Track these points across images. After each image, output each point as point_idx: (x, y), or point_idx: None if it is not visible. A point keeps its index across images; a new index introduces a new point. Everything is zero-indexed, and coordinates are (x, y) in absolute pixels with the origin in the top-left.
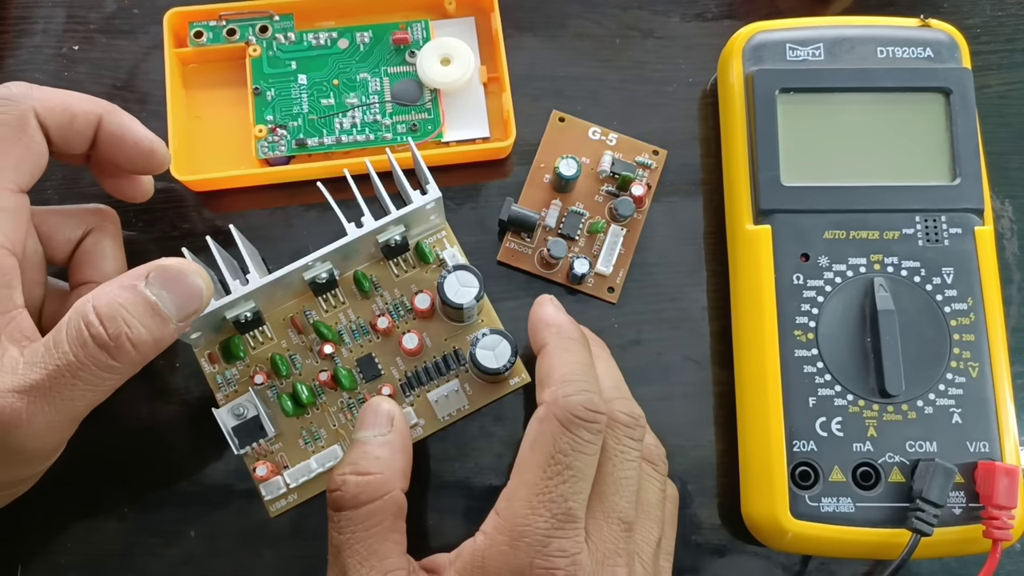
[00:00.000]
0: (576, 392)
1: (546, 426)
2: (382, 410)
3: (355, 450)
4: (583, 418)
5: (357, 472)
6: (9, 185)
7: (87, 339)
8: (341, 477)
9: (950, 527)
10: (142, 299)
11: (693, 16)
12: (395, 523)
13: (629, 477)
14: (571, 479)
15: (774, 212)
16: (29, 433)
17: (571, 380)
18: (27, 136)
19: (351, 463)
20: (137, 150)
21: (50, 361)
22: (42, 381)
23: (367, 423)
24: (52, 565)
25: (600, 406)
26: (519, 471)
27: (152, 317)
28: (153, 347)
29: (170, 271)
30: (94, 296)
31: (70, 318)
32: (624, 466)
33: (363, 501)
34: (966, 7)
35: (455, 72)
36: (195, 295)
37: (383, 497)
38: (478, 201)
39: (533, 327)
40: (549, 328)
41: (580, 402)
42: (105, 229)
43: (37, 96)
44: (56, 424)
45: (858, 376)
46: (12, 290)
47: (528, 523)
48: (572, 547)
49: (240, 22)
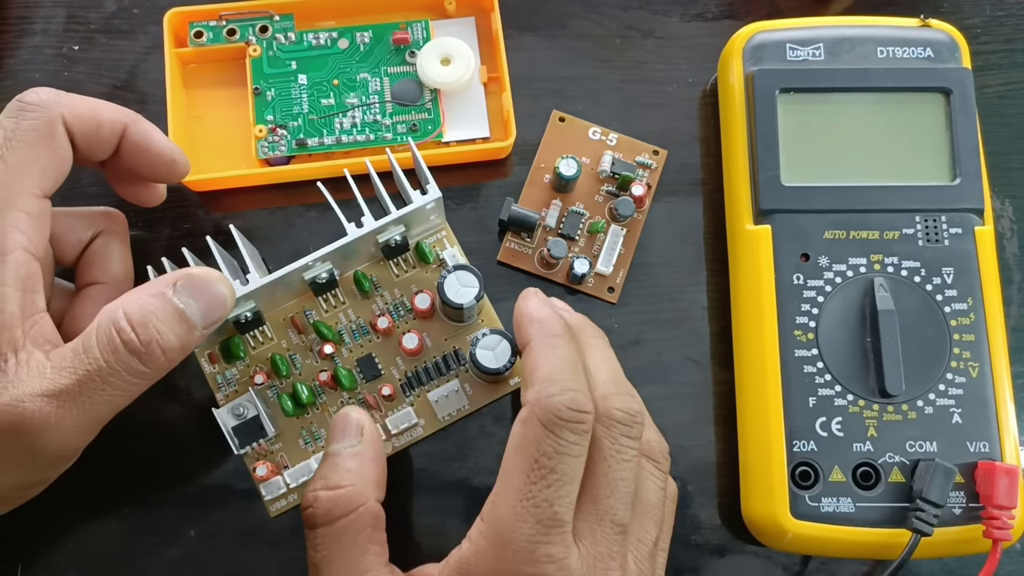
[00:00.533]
0: (559, 391)
1: (528, 428)
2: (351, 420)
3: (326, 464)
4: (566, 419)
5: (328, 487)
6: (35, 191)
7: (118, 345)
8: (313, 494)
9: (950, 527)
10: (171, 306)
11: (693, 16)
12: (373, 534)
13: (624, 478)
14: (556, 483)
15: (774, 212)
16: (56, 436)
17: (554, 379)
18: (54, 142)
19: (321, 477)
20: (160, 160)
21: (80, 366)
22: (71, 386)
23: (337, 435)
24: (52, 565)
25: (585, 405)
26: (504, 476)
27: (180, 324)
28: (180, 353)
29: (196, 279)
30: (124, 304)
31: (99, 324)
32: (619, 467)
33: (336, 516)
34: (966, 7)
35: (455, 72)
36: (220, 303)
37: (357, 510)
38: (478, 201)
39: (517, 323)
40: (532, 324)
41: (563, 402)
42: (114, 232)
43: (65, 103)
44: (81, 428)
45: (858, 376)
46: (36, 295)
47: (513, 529)
48: (559, 552)
49: (240, 22)
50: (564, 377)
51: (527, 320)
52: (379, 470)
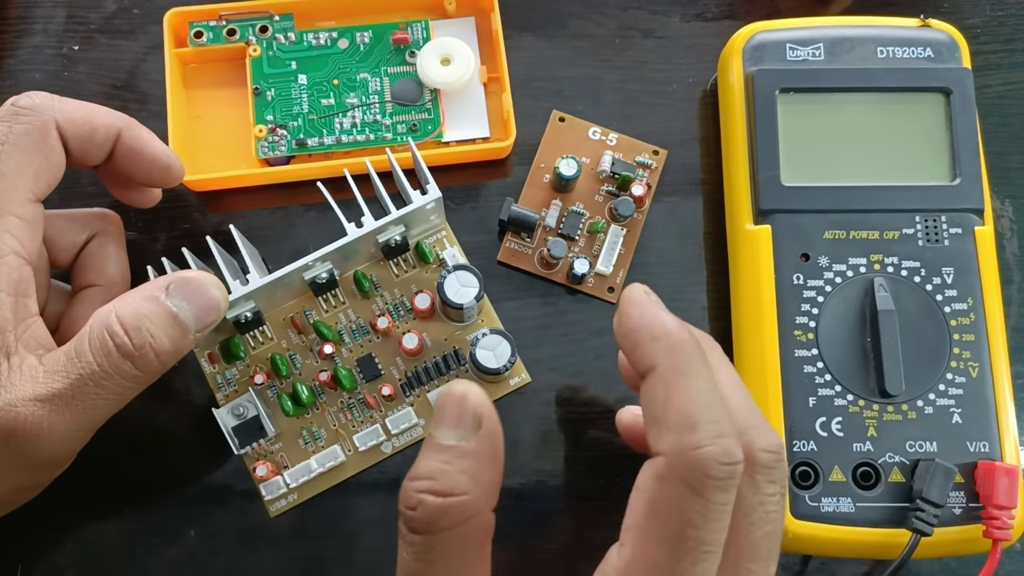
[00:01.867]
0: (709, 441)
1: (670, 490)
2: (468, 405)
3: (434, 458)
4: (719, 477)
5: (437, 492)
6: (27, 195)
7: (111, 349)
8: (418, 496)
9: (950, 527)
10: (164, 310)
11: (693, 16)
12: (480, 550)
13: (770, 534)
14: (704, 556)
15: (774, 212)
16: (49, 441)
17: (699, 421)
18: (47, 147)
19: (430, 477)
20: (154, 165)
21: (72, 370)
22: (64, 390)
23: (448, 419)
24: (52, 565)
25: (738, 455)
26: (639, 544)
27: (174, 327)
28: (173, 357)
29: (191, 283)
30: (116, 307)
31: (92, 328)
32: (762, 523)
33: (443, 527)
34: (966, 7)
35: (455, 72)
36: (213, 307)
37: (468, 522)
38: (478, 201)
39: (632, 338)
40: (658, 342)
41: (714, 456)
42: (109, 233)
43: (59, 107)
44: (75, 432)
45: (858, 376)
46: (28, 299)
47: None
48: None
49: (240, 22)
50: (711, 420)
51: (649, 336)
52: (497, 473)
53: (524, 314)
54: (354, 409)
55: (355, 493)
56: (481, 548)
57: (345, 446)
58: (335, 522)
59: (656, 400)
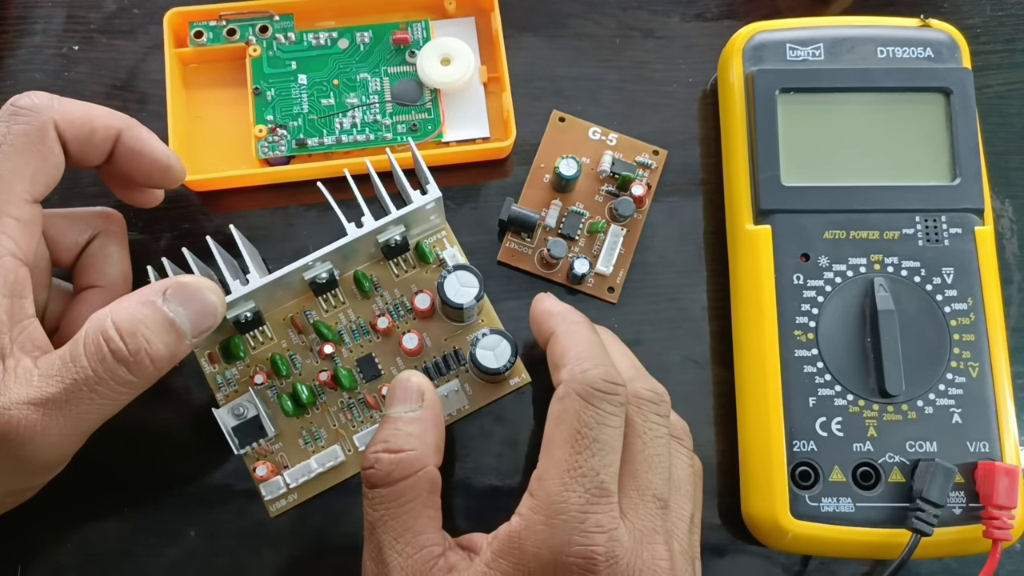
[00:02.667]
0: (592, 367)
1: (568, 403)
2: (411, 385)
3: (386, 427)
4: (603, 390)
5: (389, 450)
6: (25, 196)
7: (106, 354)
8: (374, 455)
9: (950, 527)
10: (160, 315)
11: (693, 16)
12: (429, 499)
13: (660, 454)
14: (599, 452)
15: (774, 212)
16: (42, 444)
17: (585, 356)
18: (46, 147)
19: (383, 440)
20: (154, 166)
21: (67, 375)
22: (59, 394)
23: (397, 398)
24: (52, 565)
25: (618, 378)
26: (547, 450)
27: (169, 333)
28: (169, 362)
29: (187, 288)
30: (112, 312)
31: (87, 332)
32: (654, 443)
33: (396, 479)
34: (966, 7)
35: (455, 72)
36: (210, 312)
37: (416, 474)
38: (478, 201)
39: (536, 319)
40: (553, 316)
41: (598, 375)
42: (111, 233)
43: (58, 108)
44: (69, 436)
45: (858, 376)
46: (24, 300)
47: (562, 500)
48: (608, 522)
49: (240, 22)
50: (595, 354)
51: (546, 314)
52: (438, 435)
53: (524, 314)
54: (354, 409)
55: (355, 493)
56: (430, 496)
57: (345, 446)
58: (335, 522)
59: (556, 352)
